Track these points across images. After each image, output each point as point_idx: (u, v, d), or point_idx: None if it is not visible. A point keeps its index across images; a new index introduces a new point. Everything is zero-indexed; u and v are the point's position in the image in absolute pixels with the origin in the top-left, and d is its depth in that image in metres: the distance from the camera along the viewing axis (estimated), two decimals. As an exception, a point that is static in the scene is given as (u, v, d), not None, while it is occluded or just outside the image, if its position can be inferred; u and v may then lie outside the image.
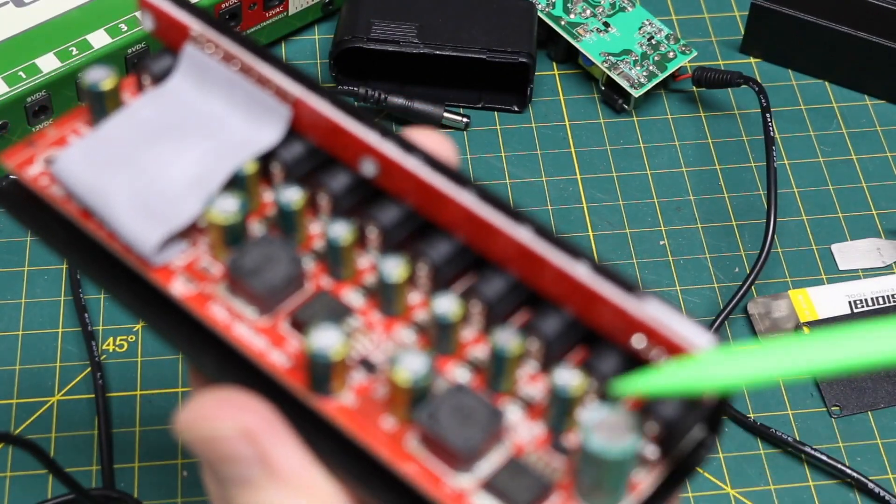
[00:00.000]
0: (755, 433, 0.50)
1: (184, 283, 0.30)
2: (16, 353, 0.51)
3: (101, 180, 0.30)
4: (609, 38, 0.60)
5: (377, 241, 0.30)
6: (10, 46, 0.52)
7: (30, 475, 0.48)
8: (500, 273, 0.29)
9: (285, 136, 0.31)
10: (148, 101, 0.32)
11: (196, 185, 0.30)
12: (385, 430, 0.28)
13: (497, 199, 0.29)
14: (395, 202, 0.30)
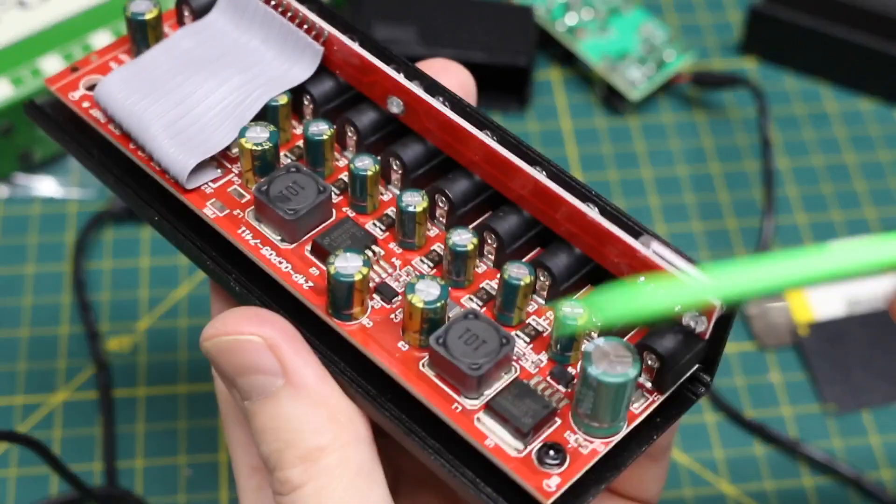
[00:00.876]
0: (753, 433, 0.50)
1: (215, 206, 0.31)
2: (20, 352, 0.51)
3: (141, 106, 0.32)
4: (608, 41, 0.60)
5: (400, 176, 0.31)
6: (14, 49, 0.53)
7: (34, 473, 0.48)
8: (516, 210, 0.30)
9: (317, 73, 0.32)
10: (187, 34, 0.33)
11: (230, 114, 0.31)
12: (399, 351, 0.29)
13: (516, 141, 0.30)
14: (419, 140, 0.31)
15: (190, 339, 0.52)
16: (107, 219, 0.54)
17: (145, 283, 0.53)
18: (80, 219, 0.55)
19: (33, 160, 0.55)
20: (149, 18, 0.33)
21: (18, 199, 0.55)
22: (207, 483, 0.48)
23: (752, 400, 0.51)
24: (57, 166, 0.56)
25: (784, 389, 0.52)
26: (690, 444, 0.50)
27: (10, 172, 0.55)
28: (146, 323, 0.52)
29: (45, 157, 0.55)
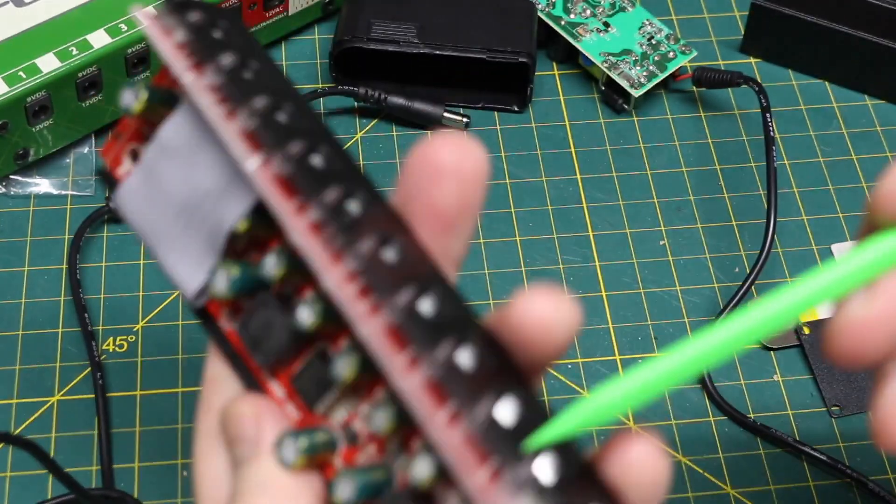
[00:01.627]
0: (755, 433, 0.50)
1: (225, 317, 0.31)
2: (16, 353, 0.51)
3: (146, 223, 0.31)
4: (609, 38, 0.60)
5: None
6: (10, 46, 0.52)
7: (30, 475, 0.48)
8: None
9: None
10: (162, 147, 0.32)
11: (210, 245, 0.31)
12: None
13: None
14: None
15: (186, 339, 0.51)
16: (103, 217, 0.54)
17: (142, 282, 0.53)
18: (77, 218, 0.54)
19: (29, 159, 0.54)
20: (137, 111, 0.31)
21: (14, 198, 0.55)
22: (205, 485, 0.48)
23: (756, 401, 0.51)
24: (53, 165, 0.56)
25: (787, 390, 0.51)
26: (693, 446, 0.50)
27: (6, 171, 0.55)
28: (143, 323, 0.52)
29: (41, 155, 0.55)
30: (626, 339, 0.52)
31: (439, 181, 0.28)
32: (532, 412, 0.26)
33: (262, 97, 0.29)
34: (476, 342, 0.27)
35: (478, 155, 0.29)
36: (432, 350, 0.26)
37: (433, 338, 0.27)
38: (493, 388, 0.26)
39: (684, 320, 0.53)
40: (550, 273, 0.54)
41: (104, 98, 0.55)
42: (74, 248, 0.53)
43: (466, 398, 0.26)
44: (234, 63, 0.29)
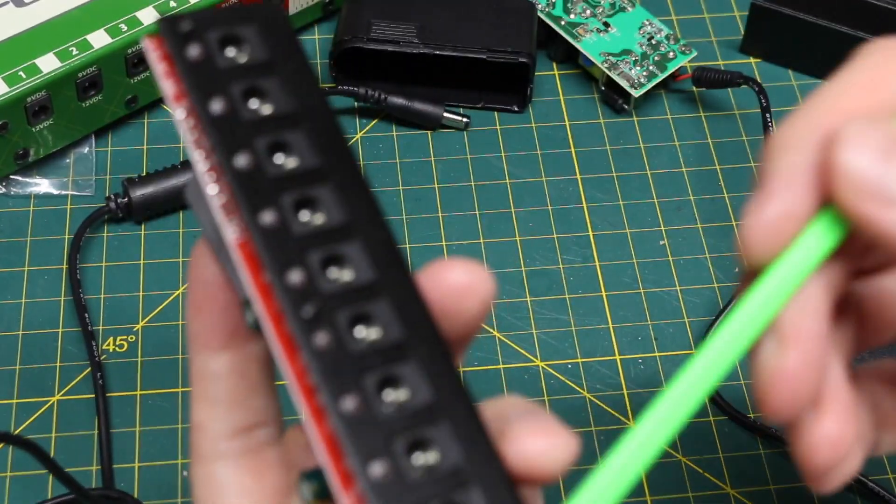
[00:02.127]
0: (755, 433, 0.50)
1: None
2: (16, 353, 0.51)
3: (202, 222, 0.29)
4: (609, 38, 0.60)
5: None
6: (10, 46, 0.52)
7: (30, 475, 0.48)
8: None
9: None
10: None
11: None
12: None
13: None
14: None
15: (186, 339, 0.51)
16: (103, 217, 0.54)
17: (142, 282, 0.53)
18: (77, 218, 0.54)
19: (29, 159, 0.54)
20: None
21: (14, 198, 0.55)
22: (205, 485, 0.48)
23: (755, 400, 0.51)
24: (53, 165, 0.56)
25: (787, 390, 0.51)
26: (693, 446, 0.50)
27: (6, 171, 0.55)
28: (143, 323, 0.52)
29: (41, 155, 0.55)
30: (626, 339, 0.52)
31: (440, 314, 0.28)
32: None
33: (262, 138, 0.27)
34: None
35: (484, 289, 0.28)
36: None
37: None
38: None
39: (684, 320, 0.53)
40: (550, 273, 0.54)
41: (104, 98, 0.55)
42: (74, 248, 0.53)
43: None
44: (237, 95, 0.27)
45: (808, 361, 0.28)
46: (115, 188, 0.56)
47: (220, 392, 0.30)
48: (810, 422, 0.29)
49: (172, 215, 0.55)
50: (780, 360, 0.28)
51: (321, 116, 0.27)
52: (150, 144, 0.57)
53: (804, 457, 0.30)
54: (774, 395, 0.29)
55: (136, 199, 0.54)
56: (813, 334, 0.28)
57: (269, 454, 0.30)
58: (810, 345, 0.28)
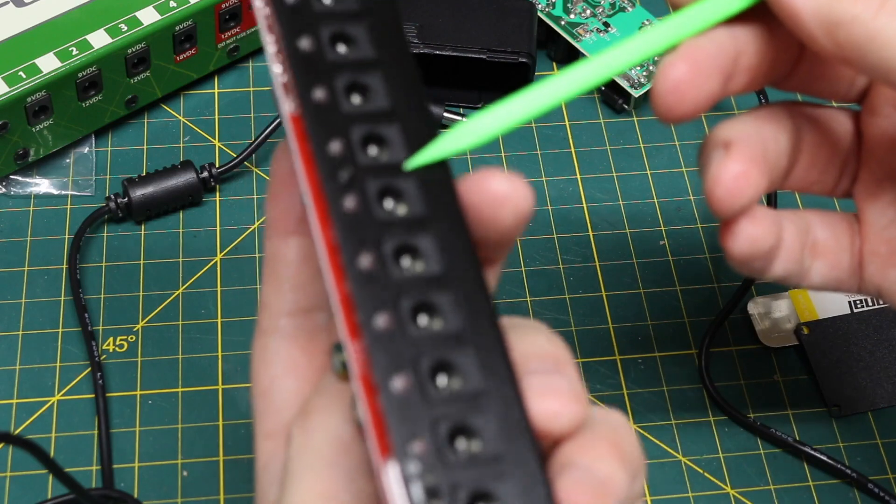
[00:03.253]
0: (755, 433, 0.50)
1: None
2: (16, 352, 0.51)
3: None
4: (609, 38, 0.60)
5: None
6: (10, 46, 0.52)
7: (29, 475, 0.48)
8: None
9: None
10: None
11: None
12: None
13: None
14: None
15: (186, 339, 0.51)
16: (103, 217, 0.54)
17: (142, 282, 0.53)
18: (77, 218, 0.54)
19: (29, 159, 0.54)
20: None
21: (14, 198, 0.55)
22: (205, 485, 0.48)
23: (755, 400, 0.51)
24: (53, 165, 0.56)
25: (787, 390, 0.51)
26: (693, 446, 0.50)
27: (6, 171, 0.55)
28: (143, 323, 0.52)
29: (41, 155, 0.55)
30: (626, 339, 0.52)
31: (477, 222, 0.30)
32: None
33: (326, 27, 0.30)
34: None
35: (521, 197, 0.31)
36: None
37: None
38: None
39: (684, 320, 0.53)
40: (550, 273, 0.54)
41: (104, 98, 0.55)
42: (74, 248, 0.53)
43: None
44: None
45: (696, 70, 0.34)
46: (115, 188, 0.56)
47: (286, 273, 0.33)
48: (718, 158, 0.36)
49: (172, 215, 0.55)
50: (669, 66, 0.34)
51: (385, 18, 0.30)
52: (149, 144, 0.57)
53: (708, 188, 0.35)
54: (665, 91, 0.34)
55: (135, 199, 0.54)
56: (705, 54, 0.34)
57: (321, 337, 0.33)
58: (701, 57, 0.34)
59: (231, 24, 0.57)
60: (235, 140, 0.58)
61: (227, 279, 0.53)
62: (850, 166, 0.40)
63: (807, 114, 0.40)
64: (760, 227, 0.37)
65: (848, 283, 0.40)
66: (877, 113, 0.39)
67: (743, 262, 0.37)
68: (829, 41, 0.34)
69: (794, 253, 0.39)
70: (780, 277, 0.39)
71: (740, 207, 0.36)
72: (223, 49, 0.58)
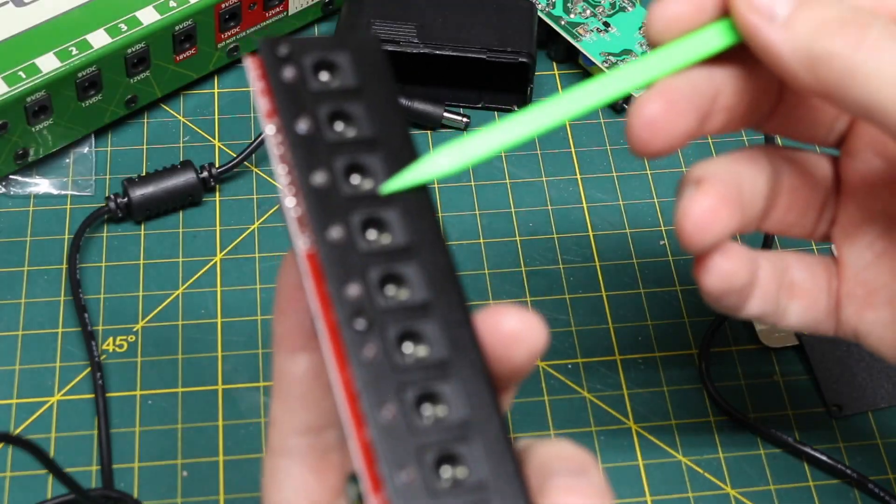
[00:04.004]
0: (755, 433, 0.50)
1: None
2: (15, 353, 0.51)
3: None
4: (609, 38, 0.60)
5: None
6: (9, 46, 0.52)
7: (29, 475, 0.48)
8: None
9: None
10: None
11: None
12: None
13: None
14: None
15: (186, 339, 0.51)
16: (103, 218, 0.54)
17: (142, 282, 0.53)
18: (77, 218, 0.54)
19: (28, 159, 0.55)
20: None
21: (14, 198, 0.55)
22: (205, 485, 0.48)
23: (755, 401, 0.51)
24: (53, 165, 0.56)
25: (787, 390, 0.51)
26: (693, 446, 0.50)
27: (6, 171, 0.55)
28: (143, 323, 0.52)
29: (41, 155, 0.55)
30: (626, 339, 0.52)
31: (490, 357, 0.29)
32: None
33: (342, 157, 0.29)
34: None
35: (535, 336, 0.30)
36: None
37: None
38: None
39: (684, 320, 0.53)
40: (550, 273, 0.54)
41: (104, 98, 0.55)
42: (74, 248, 0.53)
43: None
44: (322, 118, 0.29)
45: (669, 108, 0.34)
46: (115, 188, 0.56)
47: (295, 391, 0.32)
48: (689, 193, 0.36)
49: (172, 215, 0.55)
50: (643, 103, 0.34)
51: (399, 144, 0.30)
52: (149, 144, 0.57)
53: (678, 222, 0.36)
54: (638, 127, 0.35)
55: (135, 199, 0.54)
56: (680, 93, 0.35)
57: (333, 457, 0.32)
58: (675, 95, 0.34)
59: (231, 24, 0.57)
60: (235, 140, 0.58)
61: (227, 279, 0.53)
62: (828, 210, 0.40)
63: (786, 157, 0.40)
64: (733, 264, 0.37)
65: (825, 324, 0.40)
66: (855, 157, 0.39)
67: (716, 297, 0.37)
68: (811, 77, 0.34)
69: (769, 292, 0.39)
70: (755, 316, 0.39)
71: (709, 243, 0.36)
72: (223, 49, 0.58)
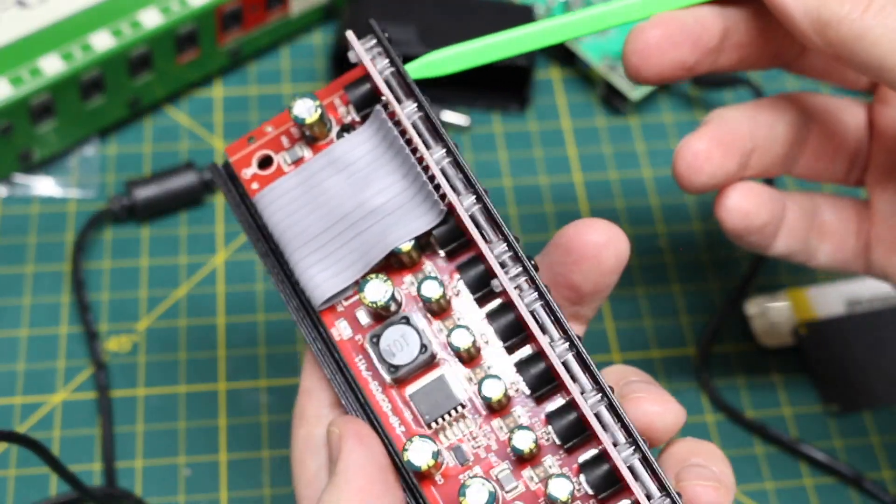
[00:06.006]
0: (752, 431, 0.50)
1: (342, 326, 0.35)
2: (19, 352, 0.51)
3: (289, 233, 0.35)
4: (608, 40, 0.60)
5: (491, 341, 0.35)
6: (13, 48, 0.53)
7: (33, 473, 0.48)
8: (569, 410, 0.34)
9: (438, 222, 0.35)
10: (332, 160, 0.36)
11: (362, 255, 0.35)
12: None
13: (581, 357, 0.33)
14: (508, 310, 0.35)
15: (189, 339, 0.52)
16: (106, 218, 0.54)
17: (144, 282, 0.53)
18: (80, 218, 0.55)
19: (32, 160, 0.55)
20: (309, 122, 0.36)
21: (17, 199, 0.55)
22: (207, 483, 0.48)
23: (753, 400, 0.51)
24: (56, 166, 0.56)
25: (784, 389, 0.52)
26: (691, 445, 0.50)
27: (10, 172, 0.55)
28: (145, 323, 0.52)
29: (44, 156, 0.55)
30: (626, 339, 0.53)
31: (580, 265, 0.33)
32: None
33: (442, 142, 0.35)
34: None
35: (621, 245, 0.33)
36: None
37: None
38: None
39: (683, 320, 0.53)
40: (550, 273, 0.54)
41: (107, 99, 0.55)
42: (77, 249, 0.53)
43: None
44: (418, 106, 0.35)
45: (664, 37, 0.36)
46: (118, 189, 0.56)
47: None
48: (687, 137, 0.37)
49: (175, 216, 0.55)
50: (639, 30, 0.37)
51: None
52: (152, 146, 0.57)
53: (673, 161, 0.37)
54: (630, 52, 0.37)
55: (138, 200, 0.54)
56: (679, 24, 0.36)
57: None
58: (674, 25, 0.36)
59: (233, 26, 0.57)
60: (237, 141, 0.58)
61: (229, 279, 0.53)
62: (861, 156, 0.41)
63: (816, 104, 0.40)
64: (752, 203, 0.38)
65: (854, 264, 0.41)
66: (887, 104, 0.40)
67: (736, 235, 0.39)
68: (820, 39, 0.35)
69: (798, 232, 0.40)
70: (783, 254, 0.40)
71: (702, 183, 0.37)
72: (225, 51, 0.58)
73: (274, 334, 0.52)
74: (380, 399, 0.35)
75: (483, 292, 0.35)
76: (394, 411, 0.34)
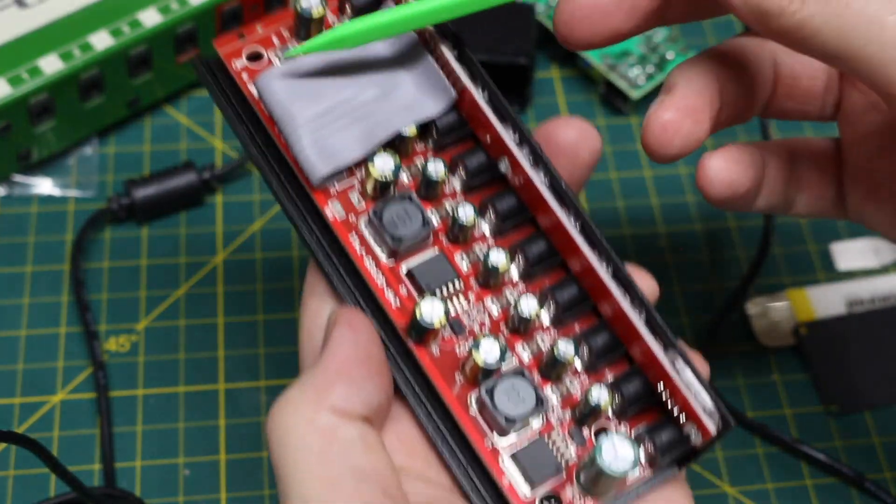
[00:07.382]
0: (753, 432, 0.50)
1: (335, 208, 0.36)
2: (18, 352, 0.51)
3: (293, 108, 0.36)
4: (608, 40, 0.60)
5: (492, 223, 0.37)
6: (12, 48, 0.53)
7: (32, 474, 0.48)
8: (576, 285, 0.36)
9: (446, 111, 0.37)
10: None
11: (365, 129, 0.36)
12: (455, 382, 0.35)
13: (590, 228, 0.35)
14: (515, 197, 0.36)
15: (189, 339, 0.51)
16: (105, 218, 0.54)
17: (144, 282, 0.53)
18: (79, 218, 0.55)
19: (31, 160, 0.55)
20: (315, 17, 0.37)
21: (17, 199, 0.55)
22: (206, 483, 0.48)
23: (754, 400, 0.51)
24: (55, 166, 0.56)
25: (785, 389, 0.52)
26: (691, 445, 0.50)
27: (9, 172, 0.55)
28: (145, 323, 0.52)
29: (44, 156, 0.55)
30: (625, 339, 0.53)
31: (557, 159, 0.36)
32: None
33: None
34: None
35: (593, 141, 0.37)
36: None
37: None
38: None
39: (683, 320, 0.53)
40: (550, 273, 0.54)
41: (106, 99, 0.55)
42: (77, 249, 0.53)
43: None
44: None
45: (594, 3, 0.36)
46: (118, 189, 0.56)
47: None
48: (656, 103, 0.37)
49: (174, 216, 0.55)
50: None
51: None
52: (151, 145, 0.57)
53: (642, 133, 0.37)
54: (562, 24, 0.37)
55: (138, 200, 0.54)
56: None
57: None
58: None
59: (233, 25, 0.57)
60: (236, 141, 0.58)
61: (229, 279, 0.53)
62: (833, 91, 0.40)
63: (780, 48, 0.40)
64: (735, 172, 0.37)
65: (832, 212, 0.41)
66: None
67: (722, 204, 0.38)
68: (763, 29, 0.34)
69: (778, 186, 0.39)
70: (762, 210, 0.40)
71: (674, 154, 0.37)
72: (225, 50, 0.58)
73: (274, 334, 0.52)
74: (374, 274, 0.35)
75: (480, 180, 0.37)
76: (388, 284, 0.35)
